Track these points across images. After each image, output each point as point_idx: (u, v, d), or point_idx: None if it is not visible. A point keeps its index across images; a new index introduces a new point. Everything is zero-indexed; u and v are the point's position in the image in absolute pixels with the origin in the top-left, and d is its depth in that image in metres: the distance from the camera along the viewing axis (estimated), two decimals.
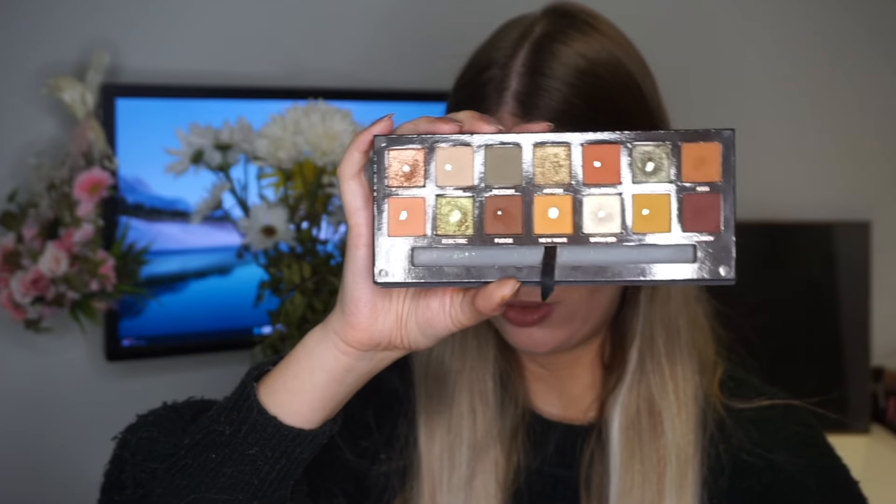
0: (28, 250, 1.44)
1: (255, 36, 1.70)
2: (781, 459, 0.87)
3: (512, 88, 0.82)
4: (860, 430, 1.90)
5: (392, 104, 1.64)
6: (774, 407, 0.90)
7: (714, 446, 0.88)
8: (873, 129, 2.11)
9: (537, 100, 0.81)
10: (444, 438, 0.90)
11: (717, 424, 0.89)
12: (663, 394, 0.87)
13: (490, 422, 0.90)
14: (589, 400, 0.92)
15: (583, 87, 0.81)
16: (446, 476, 0.89)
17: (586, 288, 0.83)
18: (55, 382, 1.61)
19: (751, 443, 0.88)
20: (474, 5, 1.82)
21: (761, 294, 1.92)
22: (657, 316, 0.88)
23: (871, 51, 2.09)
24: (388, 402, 0.93)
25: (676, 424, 0.87)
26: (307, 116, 1.29)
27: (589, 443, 0.90)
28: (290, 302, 1.26)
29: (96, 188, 1.45)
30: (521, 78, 0.82)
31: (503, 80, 0.82)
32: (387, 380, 0.92)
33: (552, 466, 0.91)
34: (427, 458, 0.90)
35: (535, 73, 0.82)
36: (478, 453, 0.89)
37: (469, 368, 0.91)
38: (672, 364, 0.87)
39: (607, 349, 0.92)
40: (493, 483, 0.89)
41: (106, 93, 1.49)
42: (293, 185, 1.34)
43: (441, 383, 0.91)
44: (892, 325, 2.04)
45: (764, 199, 2.02)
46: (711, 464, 0.87)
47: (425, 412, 0.91)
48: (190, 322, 1.58)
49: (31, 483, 1.61)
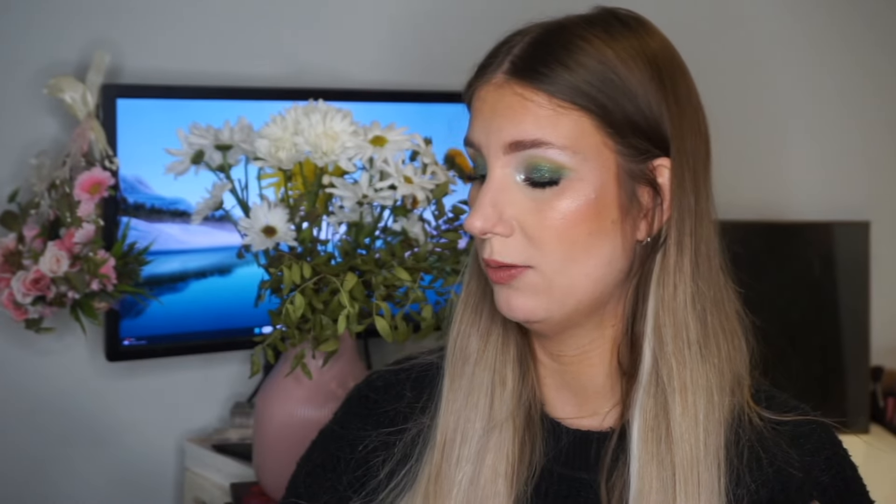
0: (29, 250, 1.44)
1: (256, 36, 1.70)
2: (824, 481, 0.88)
3: (513, 53, 0.85)
4: (859, 430, 1.90)
5: (392, 104, 1.64)
6: (809, 423, 0.91)
7: (755, 455, 0.88)
8: (873, 129, 2.11)
9: (518, 62, 0.84)
10: (460, 413, 0.91)
11: (756, 434, 0.89)
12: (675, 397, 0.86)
13: (506, 403, 0.91)
14: (609, 405, 0.92)
15: (553, 60, 0.83)
16: (457, 449, 0.91)
17: (560, 256, 0.84)
18: (55, 382, 1.61)
19: (794, 458, 0.88)
20: (475, 5, 1.82)
21: (761, 294, 1.91)
22: (665, 319, 0.87)
23: (871, 51, 2.09)
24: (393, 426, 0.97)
25: (687, 428, 0.86)
26: (307, 116, 1.29)
27: (610, 448, 0.90)
28: (291, 302, 1.26)
29: (97, 188, 1.45)
30: (506, 49, 0.85)
31: (496, 50, 0.86)
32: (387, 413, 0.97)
33: (570, 469, 0.91)
34: (442, 429, 0.92)
35: (540, 45, 0.84)
36: (490, 432, 0.90)
37: (492, 349, 0.93)
38: (681, 366, 0.86)
39: (624, 353, 0.91)
40: (503, 463, 0.90)
41: (106, 93, 1.49)
42: (293, 185, 1.34)
43: (465, 360, 0.93)
44: (891, 324, 2.04)
45: (764, 199, 2.02)
46: (754, 473, 0.87)
47: (449, 386, 0.93)
48: (190, 322, 1.58)
49: (31, 483, 1.61)
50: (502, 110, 0.84)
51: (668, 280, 0.86)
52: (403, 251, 1.34)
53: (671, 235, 0.86)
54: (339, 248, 1.34)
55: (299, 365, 1.29)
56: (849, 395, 1.91)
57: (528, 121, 0.83)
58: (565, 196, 0.83)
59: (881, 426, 1.94)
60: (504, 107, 0.84)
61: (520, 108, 0.83)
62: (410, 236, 1.36)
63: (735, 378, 0.90)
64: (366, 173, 1.30)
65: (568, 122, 0.83)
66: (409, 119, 1.41)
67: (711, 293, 0.88)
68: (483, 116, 0.86)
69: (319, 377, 1.33)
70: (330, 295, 1.28)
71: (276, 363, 1.40)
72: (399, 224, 1.36)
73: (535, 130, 0.83)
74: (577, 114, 0.83)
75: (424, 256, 1.34)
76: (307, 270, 1.27)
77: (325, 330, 1.27)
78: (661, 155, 0.86)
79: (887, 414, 1.96)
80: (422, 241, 1.36)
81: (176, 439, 1.69)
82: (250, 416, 1.63)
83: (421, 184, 1.31)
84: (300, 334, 1.28)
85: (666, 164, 0.86)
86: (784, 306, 1.92)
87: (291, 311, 1.26)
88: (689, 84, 0.88)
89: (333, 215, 1.33)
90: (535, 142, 0.83)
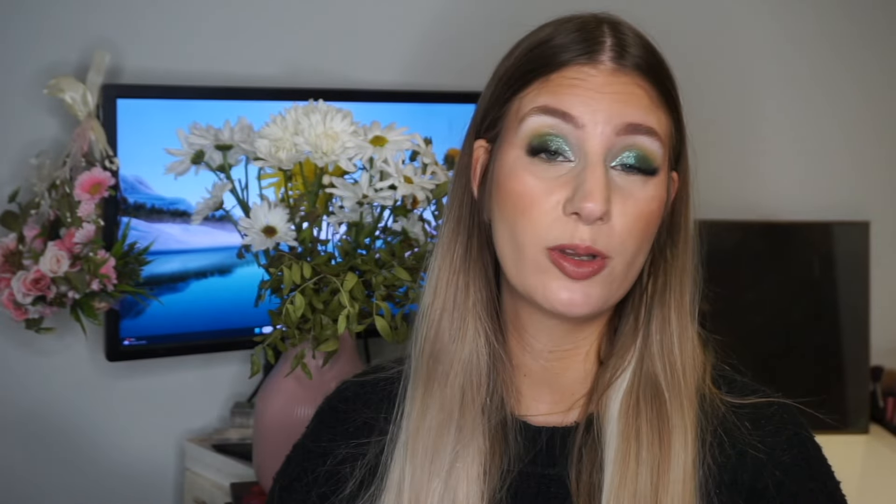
0: (29, 250, 1.44)
1: (256, 36, 1.70)
2: (786, 460, 0.88)
3: (608, 42, 0.87)
4: (859, 430, 1.90)
5: (392, 104, 1.64)
6: (770, 405, 0.91)
7: (718, 439, 0.89)
8: (873, 129, 2.11)
9: (629, 50, 0.87)
10: (434, 416, 0.91)
11: (719, 419, 0.90)
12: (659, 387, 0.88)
13: (478, 408, 0.91)
14: (578, 395, 0.93)
15: (654, 59, 0.89)
16: (430, 455, 0.90)
17: (635, 249, 0.86)
18: (55, 382, 1.61)
19: (755, 439, 0.89)
20: (475, 6, 1.82)
21: (761, 294, 1.92)
22: (654, 311, 0.90)
23: (871, 51, 2.09)
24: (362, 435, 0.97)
25: (677, 416, 0.87)
26: (307, 116, 1.29)
27: (578, 439, 0.90)
28: (291, 302, 1.26)
29: (97, 188, 1.45)
30: (612, 37, 0.88)
31: (595, 35, 0.88)
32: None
33: (539, 466, 0.92)
34: (415, 433, 0.91)
35: (619, 33, 0.88)
36: (464, 436, 0.90)
37: (467, 352, 0.92)
38: (669, 356, 0.89)
39: (605, 345, 0.93)
40: (475, 467, 0.90)
41: (107, 93, 1.49)
42: (293, 185, 1.35)
43: (437, 361, 0.92)
44: (890, 324, 2.05)
45: (764, 199, 2.02)
46: (716, 457, 0.88)
47: (422, 388, 0.92)
48: (190, 322, 1.58)
49: (31, 483, 1.62)
50: (623, 94, 0.86)
51: (658, 273, 0.92)
52: (403, 251, 1.34)
53: (662, 232, 0.91)
54: (339, 248, 1.34)
55: (299, 365, 1.29)
56: (849, 395, 1.92)
57: (648, 110, 0.86)
58: (655, 189, 0.87)
59: (881, 426, 1.94)
60: (626, 92, 0.86)
61: (642, 96, 0.87)
62: (410, 236, 1.36)
63: (702, 365, 0.93)
64: (366, 173, 1.31)
65: (666, 120, 0.88)
66: (409, 119, 1.41)
67: (688, 286, 0.93)
68: (591, 93, 0.86)
69: (319, 377, 1.33)
70: (330, 295, 1.28)
71: (276, 363, 1.40)
72: (399, 224, 1.36)
73: (653, 120, 0.87)
74: (667, 116, 0.89)
75: (424, 256, 1.34)
76: (307, 270, 1.27)
77: (325, 330, 1.28)
78: (674, 168, 0.91)
79: (887, 414, 1.96)
80: (422, 241, 1.36)
81: (176, 439, 1.69)
82: (250, 416, 1.63)
83: (421, 184, 1.31)
84: (300, 334, 1.28)
85: (675, 177, 0.91)
86: (784, 306, 1.92)
87: (291, 311, 1.26)
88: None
89: (333, 215, 1.33)
90: (650, 129, 0.86)
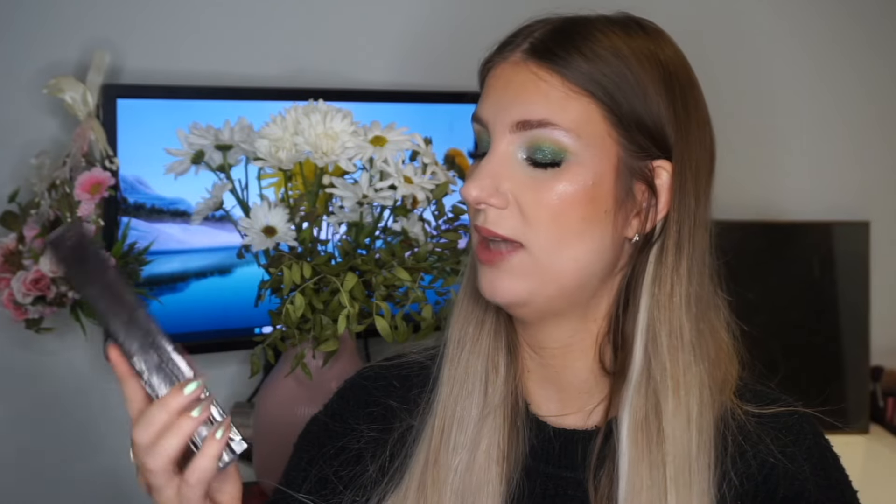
0: (29, 250, 1.44)
1: (256, 36, 1.70)
2: (805, 470, 0.89)
3: (533, 35, 0.86)
4: (859, 430, 1.90)
5: (392, 104, 1.64)
6: (791, 414, 0.92)
7: (739, 449, 0.89)
8: (874, 129, 2.11)
9: (538, 41, 0.86)
10: (457, 399, 0.93)
11: (739, 428, 0.90)
12: (668, 397, 0.87)
13: (499, 390, 0.93)
14: (587, 397, 0.93)
15: (571, 46, 0.85)
16: (454, 435, 0.92)
17: (552, 237, 0.85)
18: (55, 382, 1.61)
19: (776, 449, 0.89)
20: (475, 6, 1.82)
21: (761, 294, 1.92)
22: (660, 318, 0.88)
23: (871, 51, 2.09)
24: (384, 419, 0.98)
25: (680, 427, 0.87)
26: (307, 116, 1.29)
27: (596, 447, 0.90)
28: (291, 302, 1.27)
29: (97, 188, 1.45)
30: (527, 31, 0.87)
31: (517, 32, 0.88)
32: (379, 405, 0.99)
33: (556, 468, 0.92)
34: (441, 415, 0.93)
35: (537, 27, 0.87)
36: (485, 418, 0.92)
37: (486, 336, 0.94)
38: (675, 366, 0.87)
39: (608, 353, 0.92)
40: (495, 449, 0.91)
41: (107, 93, 1.49)
42: (293, 185, 1.35)
43: (461, 347, 0.94)
44: (891, 324, 2.05)
45: (764, 199, 2.02)
46: (737, 467, 0.88)
47: (447, 373, 0.94)
48: (190, 322, 1.58)
49: (31, 483, 1.62)
50: (515, 88, 0.86)
51: (664, 280, 0.88)
52: (403, 251, 1.34)
53: (670, 236, 0.88)
54: (339, 248, 1.34)
55: (299, 365, 1.29)
56: (849, 394, 1.92)
57: (539, 100, 0.85)
58: (564, 178, 0.85)
59: (881, 426, 1.94)
60: (517, 84, 0.85)
61: (532, 87, 0.85)
62: (410, 236, 1.36)
63: (724, 377, 0.91)
64: (366, 173, 1.31)
65: (577, 106, 0.84)
66: (409, 119, 1.41)
67: (705, 297, 0.90)
68: (495, 93, 0.87)
69: (319, 377, 1.33)
70: (330, 295, 1.28)
71: (276, 363, 1.40)
72: (399, 224, 1.36)
73: (544, 110, 0.84)
74: (587, 100, 0.84)
75: (424, 256, 1.34)
76: (307, 270, 1.27)
77: (325, 330, 1.28)
78: (662, 157, 0.87)
79: (887, 414, 1.96)
80: (422, 241, 1.36)
81: None
82: (250, 416, 1.63)
83: (421, 184, 1.31)
84: (300, 334, 1.28)
85: (666, 166, 0.87)
86: (784, 306, 1.92)
87: (291, 311, 1.26)
88: (699, 98, 0.90)
89: (333, 215, 1.33)
90: (542, 122, 0.84)
